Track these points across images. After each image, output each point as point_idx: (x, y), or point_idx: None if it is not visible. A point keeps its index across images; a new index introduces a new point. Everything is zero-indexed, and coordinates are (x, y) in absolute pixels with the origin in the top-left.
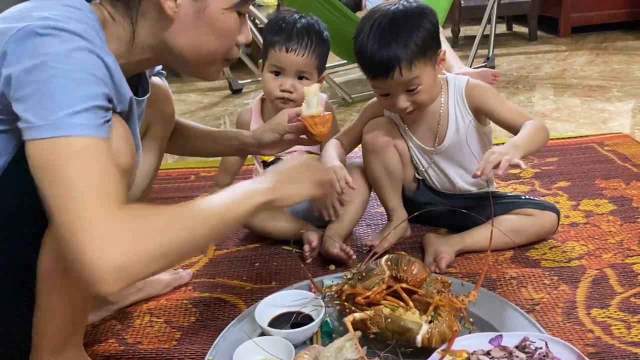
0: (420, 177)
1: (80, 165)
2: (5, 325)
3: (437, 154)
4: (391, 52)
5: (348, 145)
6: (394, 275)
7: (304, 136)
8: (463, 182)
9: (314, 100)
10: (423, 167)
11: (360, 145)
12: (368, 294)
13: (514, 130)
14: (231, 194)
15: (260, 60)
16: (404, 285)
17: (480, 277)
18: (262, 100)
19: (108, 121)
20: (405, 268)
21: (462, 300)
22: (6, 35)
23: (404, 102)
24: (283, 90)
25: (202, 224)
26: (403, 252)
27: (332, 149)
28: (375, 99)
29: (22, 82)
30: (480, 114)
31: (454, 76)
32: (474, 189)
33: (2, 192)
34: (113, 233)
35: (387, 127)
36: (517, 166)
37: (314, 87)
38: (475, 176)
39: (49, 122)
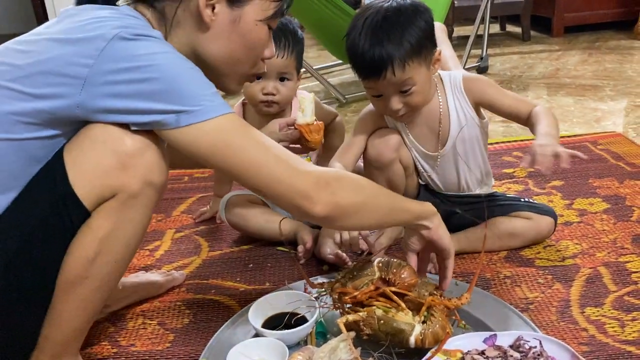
0: (423, 183)
1: (252, 133)
2: (13, 325)
3: (442, 156)
4: (383, 51)
5: (350, 164)
6: (383, 277)
7: (295, 145)
8: (468, 180)
9: (309, 108)
10: (427, 172)
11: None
12: (355, 293)
13: (519, 119)
14: (396, 196)
15: None
16: (393, 288)
17: (473, 280)
18: (244, 104)
19: None
20: (395, 271)
21: (455, 302)
22: (90, 46)
23: (396, 103)
24: (266, 94)
25: (379, 190)
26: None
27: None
28: (368, 110)
29: (136, 82)
30: (480, 107)
31: (447, 73)
32: (477, 188)
33: (35, 198)
34: (316, 174)
35: (393, 141)
36: (575, 156)
37: (310, 96)
38: (531, 167)
39: (204, 106)
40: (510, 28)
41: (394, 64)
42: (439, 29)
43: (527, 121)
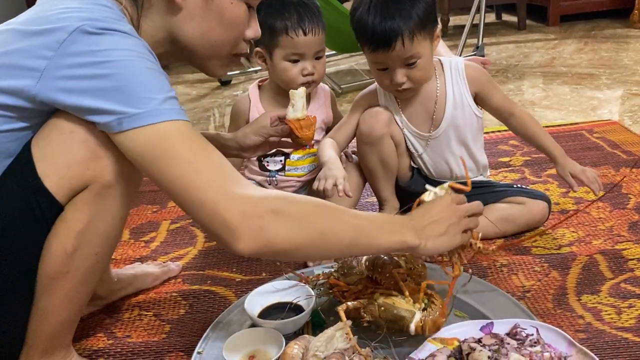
0: (415, 166)
1: (193, 145)
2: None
3: (434, 138)
4: (394, 23)
5: (343, 141)
6: (370, 276)
7: (286, 139)
8: (459, 167)
9: (299, 103)
10: (418, 153)
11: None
12: (345, 290)
13: (502, 116)
14: (373, 218)
15: (258, 49)
16: (382, 289)
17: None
18: (259, 86)
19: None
20: (380, 270)
21: (449, 275)
22: (51, 38)
23: (401, 76)
24: (306, 75)
25: (339, 224)
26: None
27: (330, 149)
28: (367, 90)
29: (90, 78)
30: (477, 98)
31: (449, 58)
32: (470, 175)
33: (5, 194)
34: (251, 201)
35: (383, 116)
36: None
37: (300, 90)
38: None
39: (148, 110)
40: (506, 17)
41: (404, 36)
42: None
43: (512, 123)
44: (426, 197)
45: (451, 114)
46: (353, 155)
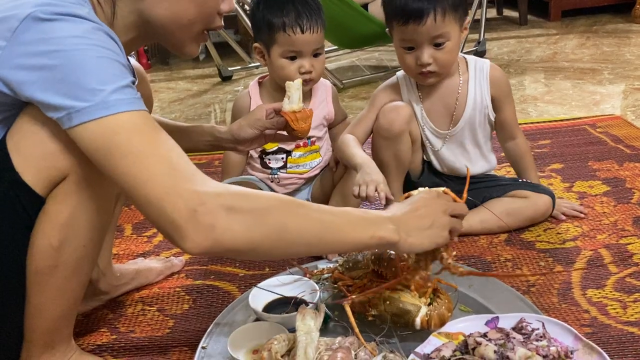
0: (427, 160)
1: (144, 138)
2: None
3: (451, 135)
4: None
5: (363, 136)
6: (375, 270)
7: (282, 132)
8: (473, 165)
9: (295, 95)
10: (434, 149)
11: None
12: (350, 284)
13: (503, 134)
14: (344, 214)
15: (257, 45)
16: (387, 284)
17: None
18: (259, 83)
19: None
20: (386, 264)
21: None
22: (4, 26)
23: (428, 56)
24: (304, 73)
25: (301, 220)
26: None
27: (358, 149)
28: (388, 82)
29: (39, 68)
30: (492, 103)
31: (474, 57)
32: (479, 172)
33: None
34: (200, 198)
35: (404, 112)
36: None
37: (296, 82)
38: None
39: (95, 103)
40: (507, 12)
41: (437, 12)
42: None
43: (510, 146)
44: (415, 193)
45: (470, 114)
46: None
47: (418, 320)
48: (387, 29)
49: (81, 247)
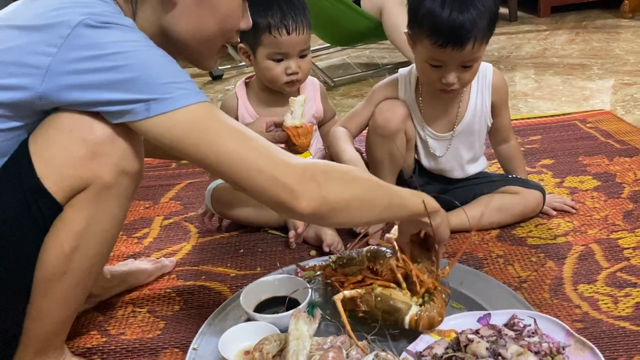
0: (417, 159)
1: (229, 124)
2: None
3: (448, 139)
4: (471, 18)
5: (356, 131)
6: (370, 267)
7: (282, 145)
8: (465, 169)
9: (298, 110)
10: (431, 151)
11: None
12: (343, 279)
13: (497, 138)
14: (393, 186)
15: (242, 45)
16: (379, 281)
17: (457, 255)
18: (246, 83)
19: None
20: (381, 262)
21: (438, 275)
22: (53, 34)
23: (454, 77)
24: (290, 74)
25: (375, 187)
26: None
27: (348, 145)
28: (388, 80)
29: (102, 70)
30: (492, 109)
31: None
32: (470, 174)
33: (2, 193)
34: (300, 166)
35: (400, 111)
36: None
37: (300, 98)
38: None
39: (174, 95)
40: None
41: (477, 38)
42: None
43: (503, 149)
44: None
45: (469, 120)
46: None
47: (407, 319)
48: (406, 31)
49: (91, 256)
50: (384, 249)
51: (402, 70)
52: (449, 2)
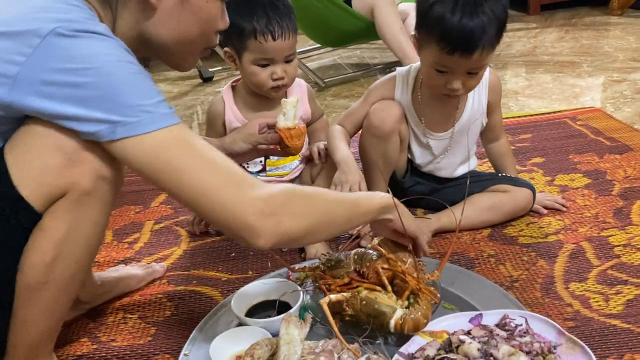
0: (410, 158)
1: (194, 152)
2: None
3: (443, 139)
4: (480, 25)
5: (352, 130)
6: (357, 269)
7: (275, 147)
8: (457, 169)
9: (291, 112)
10: (436, 154)
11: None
12: (330, 282)
13: (488, 136)
14: (348, 194)
15: (227, 49)
16: (366, 284)
17: (445, 256)
18: (233, 87)
19: None
20: (368, 264)
21: (428, 278)
22: (23, 42)
23: (459, 84)
24: (276, 79)
25: (334, 203)
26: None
27: (342, 143)
28: (385, 79)
29: (70, 85)
30: (487, 109)
31: None
32: (460, 174)
33: None
34: (263, 199)
35: (395, 111)
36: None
37: (293, 99)
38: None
39: (140, 119)
40: None
41: (485, 46)
42: None
43: (494, 147)
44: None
45: (466, 120)
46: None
47: (392, 322)
48: (414, 33)
49: (73, 264)
50: (371, 251)
51: (400, 70)
52: (460, 7)
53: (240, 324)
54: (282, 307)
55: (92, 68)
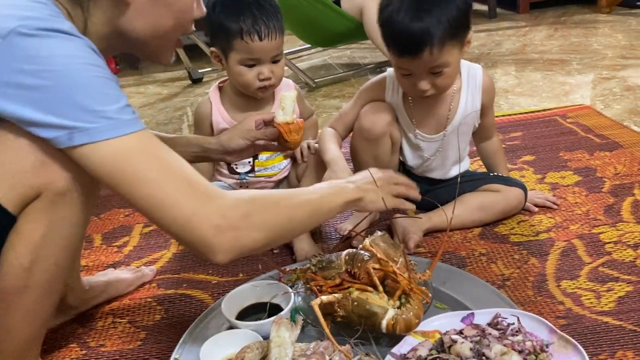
0: (402, 160)
1: (157, 161)
2: None
3: (435, 141)
4: (424, 29)
5: (343, 132)
6: (348, 270)
7: (273, 142)
8: (449, 170)
9: (290, 106)
10: (428, 156)
11: None
12: (321, 283)
13: (481, 135)
14: (321, 190)
15: (213, 49)
16: (357, 284)
17: (436, 256)
18: (220, 87)
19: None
20: (359, 265)
21: (420, 277)
22: None
23: (425, 84)
24: (263, 79)
25: (299, 207)
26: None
27: (332, 144)
28: (376, 80)
29: (29, 87)
30: (481, 110)
31: (467, 64)
32: (453, 175)
33: None
34: (221, 212)
35: (385, 114)
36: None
37: (291, 94)
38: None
39: (99, 125)
40: (476, 6)
41: (433, 44)
42: None
43: (485, 146)
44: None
45: (459, 122)
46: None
47: (384, 323)
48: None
49: (52, 266)
50: (363, 252)
51: (391, 71)
52: (404, 9)
53: (231, 327)
54: (273, 309)
55: (51, 70)
